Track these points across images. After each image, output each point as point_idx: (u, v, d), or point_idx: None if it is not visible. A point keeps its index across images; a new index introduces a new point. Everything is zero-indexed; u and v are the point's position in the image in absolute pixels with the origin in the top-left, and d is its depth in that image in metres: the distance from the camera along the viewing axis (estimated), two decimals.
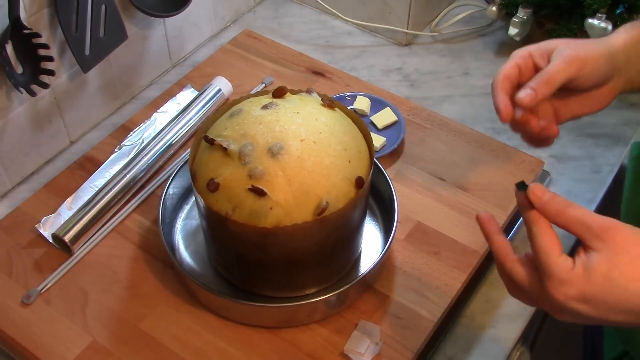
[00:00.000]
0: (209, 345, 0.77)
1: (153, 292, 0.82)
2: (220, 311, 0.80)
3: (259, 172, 0.69)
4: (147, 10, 0.96)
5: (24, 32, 0.83)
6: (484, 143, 0.98)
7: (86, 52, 0.91)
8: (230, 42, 1.14)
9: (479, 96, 1.11)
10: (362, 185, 0.72)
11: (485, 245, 0.86)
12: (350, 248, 0.81)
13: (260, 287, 0.80)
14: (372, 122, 0.99)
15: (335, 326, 0.79)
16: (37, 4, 0.85)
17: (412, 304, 0.81)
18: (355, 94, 1.02)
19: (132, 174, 0.91)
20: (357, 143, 0.75)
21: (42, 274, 0.84)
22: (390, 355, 0.76)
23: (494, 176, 0.94)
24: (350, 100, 1.02)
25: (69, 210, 0.89)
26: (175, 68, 1.14)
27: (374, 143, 0.88)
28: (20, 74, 0.85)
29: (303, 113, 0.73)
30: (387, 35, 1.20)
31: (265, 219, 0.69)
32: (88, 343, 0.78)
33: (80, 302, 0.81)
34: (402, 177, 0.94)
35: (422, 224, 0.88)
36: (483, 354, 0.81)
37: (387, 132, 0.98)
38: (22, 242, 0.87)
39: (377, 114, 1.00)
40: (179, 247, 0.86)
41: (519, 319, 0.84)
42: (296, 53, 1.12)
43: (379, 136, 0.96)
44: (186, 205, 0.90)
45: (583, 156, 1.02)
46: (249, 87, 1.06)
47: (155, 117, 1.01)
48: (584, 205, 0.95)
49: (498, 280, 0.88)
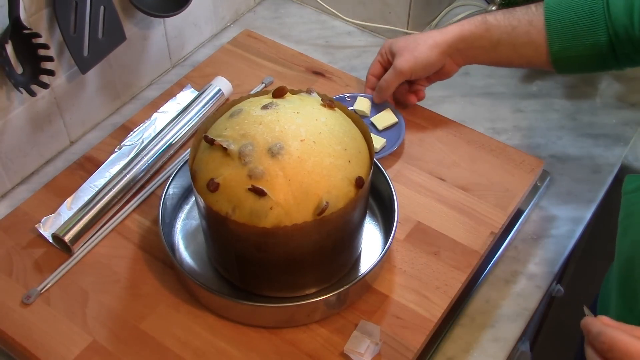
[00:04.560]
0: (208, 345, 0.77)
1: (153, 292, 0.82)
2: (220, 311, 0.80)
3: (259, 172, 0.69)
4: (147, 10, 0.96)
5: (24, 32, 0.83)
6: (484, 143, 0.98)
7: (84, 53, 0.91)
8: (230, 42, 1.14)
9: (479, 96, 1.11)
10: (362, 185, 0.72)
11: (485, 245, 0.86)
12: (350, 248, 0.81)
13: (260, 287, 0.80)
14: (373, 123, 0.99)
15: (335, 326, 0.79)
16: (37, 4, 0.85)
17: (412, 304, 0.81)
18: (355, 95, 1.02)
19: (132, 174, 0.91)
20: (357, 143, 0.75)
21: (42, 274, 0.84)
22: (390, 355, 0.76)
23: (494, 176, 0.94)
24: (350, 101, 1.01)
25: (69, 210, 0.89)
26: (175, 68, 1.14)
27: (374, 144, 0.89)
28: (20, 74, 0.85)
29: (303, 113, 0.73)
30: (387, 35, 1.20)
31: (265, 219, 0.69)
32: (88, 343, 0.78)
33: (80, 302, 0.81)
34: (402, 177, 0.94)
35: (422, 224, 0.88)
36: (483, 354, 0.81)
37: (388, 133, 0.98)
38: (22, 242, 0.87)
39: (377, 115, 0.99)
40: (179, 247, 0.86)
41: (519, 319, 0.84)
42: (296, 53, 1.12)
43: (379, 137, 0.96)
44: (186, 205, 0.90)
45: (583, 156, 1.02)
46: (249, 87, 1.06)
47: (155, 117, 1.01)
48: (583, 205, 0.96)
49: (498, 280, 0.88)
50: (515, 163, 0.95)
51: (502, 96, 1.11)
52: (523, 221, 0.94)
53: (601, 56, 0.85)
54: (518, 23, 0.89)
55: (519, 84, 1.13)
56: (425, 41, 0.94)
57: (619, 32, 0.82)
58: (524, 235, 0.93)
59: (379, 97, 0.99)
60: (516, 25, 0.89)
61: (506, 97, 1.11)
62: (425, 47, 0.93)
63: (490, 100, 1.11)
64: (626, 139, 1.05)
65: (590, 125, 1.07)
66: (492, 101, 1.10)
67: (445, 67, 0.96)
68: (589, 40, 0.85)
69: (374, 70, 1.01)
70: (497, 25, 0.90)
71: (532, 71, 1.14)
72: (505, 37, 0.89)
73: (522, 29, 0.88)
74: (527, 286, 0.88)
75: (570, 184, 0.99)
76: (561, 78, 1.13)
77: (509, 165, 0.95)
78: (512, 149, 0.97)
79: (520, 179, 0.93)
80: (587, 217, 0.95)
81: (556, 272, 0.90)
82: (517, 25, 0.89)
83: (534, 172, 0.94)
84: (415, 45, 0.94)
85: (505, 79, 1.14)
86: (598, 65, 0.88)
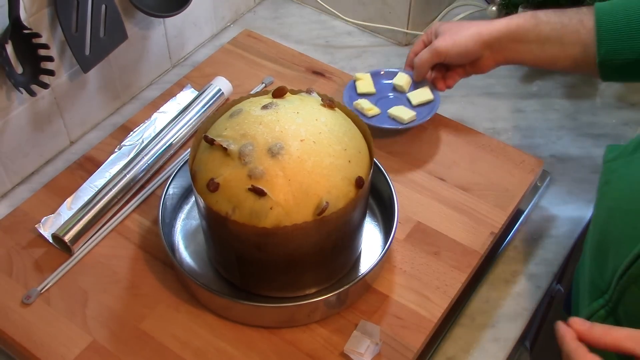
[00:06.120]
0: (208, 345, 0.77)
1: (153, 292, 0.82)
2: (220, 311, 0.80)
3: (259, 172, 0.69)
4: (147, 10, 0.96)
5: (24, 32, 0.83)
6: (484, 143, 0.98)
7: (86, 52, 0.91)
8: (230, 42, 1.14)
9: (479, 96, 1.11)
10: (362, 185, 0.72)
11: (486, 245, 0.86)
12: (350, 248, 0.81)
13: (260, 287, 0.80)
14: (408, 98, 1.00)
15: (335, 326, 0.79)
16: (37, 4, 0.85)
17: (412, 304, 0.81)
18: (396, 71, 1.03)
19: (132, 174, 0.91)
20: (357, 143, 0.75)
21: (42, 274, 0.84)
22: (390, 355, 0.76)
23: (494, 176, 0.94)
24: (384, 75, 1.03)
25: (69, 210, 0.89)
26: (175, 68, 1.14)
27: (404, 115, 0.95)
28: (20, 74, 0.85)
29: (303, 113, 0.73)
30: (387, 35, 1.20)
31: (265, 219, 0.69)
32: (88, 343, 0.78)
33: (80, 302, 0.81)
34: (402, 177, 0.94)
35: (422, 224, 0.88)
36: (483, 354, 0.81)
37: (420, 109, 0.99)
38: (22, 242, 0.87)
39: (414, 91, 1.00)
40: (179, 247, 0.86)
41: (519, 319, 0.84)
42: (296, 53, 1.12)
43: (410, 110, 0.97)
44: (186, 205, 0.90)
45: (583, 156, 1.02)
46: (249, 87, 1.06)
47: (155, 117, 1.01)
48: (583, 205, 0.96)
49: (498, 280, 0.88)
50: (515, 163, 0.95)
51: (502, 96, 1.11)
52: (523, 221, 0.94)
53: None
54: (569, 21, 0.86)
55: (519, 84, 1.13)
56: (469, 28, 0.92)
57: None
58: (524, 235, 0.93)
59: (417, 74, 0.99)
60: (567, 23, 0.86)
61: (506, 97, 1.11)
62: (468, 33, 0.92)
63: (490, 100, 1.11)
64: (626, 139, 1.04)
65: (590, 125, 1.07)
66: (492, 101, 1.11)
67: (482, 60, 0.93)
68: (638, 44, 0.82)
69: (416, 48, 1.00)
70: (546, 21, 0.87)
71: (532, 71, 1.14)
72: (554, 34, 0.87)
73: (572, 27, 0.86)
74: (527, 286, 0.88)
75: (570, 184, 0.99)
76: (561, 78, 1.13)
77: (509, 165, 0.95)
78: (512, 149, 0.97)
79: (520, 179, 0.93)
80: (587, 217, 0.95)
81: (556, 272, 0.90)
82: (568, 24, 0.86)
83: (534, 172, 0.94)
84: (458, 30, 0.93)
85: (505, 79, 1.14)
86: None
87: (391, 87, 1.02)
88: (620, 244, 0.70)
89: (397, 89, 1.01)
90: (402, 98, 1.00)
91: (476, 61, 0.94)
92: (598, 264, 0.75)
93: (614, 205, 0.75)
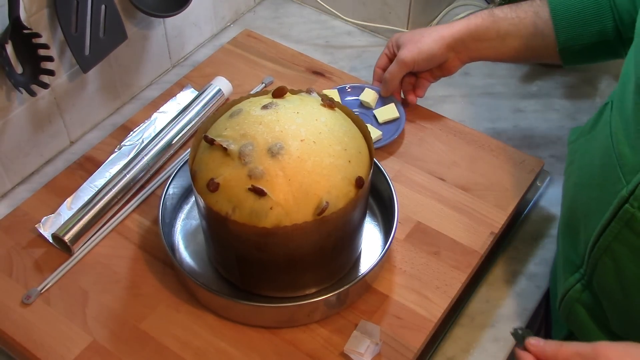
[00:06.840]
0: (209, 345, 0.77)
1: (153, 292, 0.82)
2: (220, 311, 0.80)
3: (259, 172, 0.69)
4: (147, 10, 0.96)
5: (24, 32, 0.83)
6: (484, 143, 0.98)
7: (86, 52, 0.91)
8: (230, 42, 1.14)
9: (479, 96, 1.11)
10: (362, 185, 0.72)
11: (486, 245, 0.86)
12: (350, 248, 0.81)
13: (260, 287, 0.80)
14: (375, 115, 1.00)
15: (335, 326, 0.79)
16: (37, 4, 0.85)
17: (412, 304, 0.81)
18: (362, 86, 1.03)
19: (132, 174, 0.91)
20: (357, 143, 0.75)
21: (42, 274, 0.84)
22: (390, 355, 0.76)
23: (494, 176, 0.94)
24: (351, 91, 1.03)
25: (69, 210, 0.89)
26: (175, 68, 1.14)
27: None
28: (20, 74, 0.85)
29: (303, 113, 0.73)
30: (387, 35, 1.20)
31: (265, 219, 0.69)
32: (88, 343, 0.78)
33: (80, 302, 0.81)
34: (402, 177, 0.94)
35: (422, 224, 0.88)
36: (483, 354, 0.81)
37: (387, 127, 0.99)
38: (22, 242, 0.87)
39: (380, 108, 1.00)
40: (179, 247, 0.86)
41: (519, 319, 0.84)
42: (296, 53, 1.12)
43: (376, 129, 0.97)
44: (186, 205, 0.90)
45: None
46: (249, 87, 1.06)
47: (155, 117, 1.01)
48: None
49: (498, 280, 0.88)
50: (515, 163, 0.95)
51: (502, 96, 1.11)
52: (523, 221, 0.94)
53: (608, 43, 0.86)
54: (525, 14, 0.89)
55: (519, 84, 1.13)
56: (430, 34, 0.94)
57: (623, 18, 0.83)
58: (524, 235, 0.93)
59: (385, 89, 1.00)
60: (523, 16, 0.89)
61: (506, 97, 1.11)
62: (430, 39, 0.94)
63: (490, 100, 1.11)
64: None
65: None
66: (492, 101, 1.11)
67: (448, 62, 0.96)
68: (595, 27, 0.85)
69: (381, 63, 1.02)
70: (504, 17, 0.90)
71: (532, 71, 1.14)
72: (513, 28, 0.90)
73: (529, 20, 0.89)
74: (527, 286, 0.88)
75: None
76: (561, 78, 1.13)
77: (509, 165, 0.95)
78: (512, 149, 0.97)
79: (520, 179, 0.93)
80: None
81: None
82: (524, 17, 0.89)
83: (533, 172, 0.94)
84: (420, 37, 0.95)
85: (505, 79, 1.14)
86: (605, 54, 0.88)
87: (358, 103, 1.02)
88: (588, 218, 0.72)
89: (364, 104, 1.02)
90: (368, 114, 1.01)
91: (443, 64, 0.96)
92: (571, 240, 0.77)
93: (578, 181, 0.77)
